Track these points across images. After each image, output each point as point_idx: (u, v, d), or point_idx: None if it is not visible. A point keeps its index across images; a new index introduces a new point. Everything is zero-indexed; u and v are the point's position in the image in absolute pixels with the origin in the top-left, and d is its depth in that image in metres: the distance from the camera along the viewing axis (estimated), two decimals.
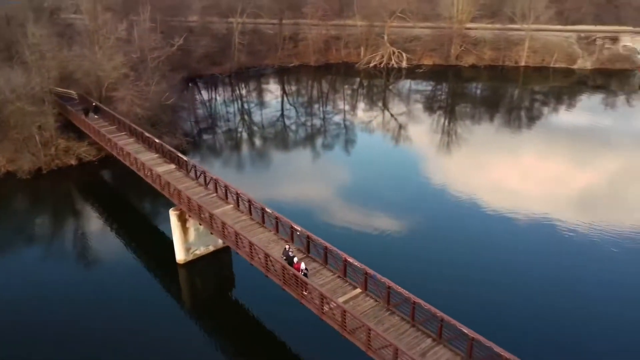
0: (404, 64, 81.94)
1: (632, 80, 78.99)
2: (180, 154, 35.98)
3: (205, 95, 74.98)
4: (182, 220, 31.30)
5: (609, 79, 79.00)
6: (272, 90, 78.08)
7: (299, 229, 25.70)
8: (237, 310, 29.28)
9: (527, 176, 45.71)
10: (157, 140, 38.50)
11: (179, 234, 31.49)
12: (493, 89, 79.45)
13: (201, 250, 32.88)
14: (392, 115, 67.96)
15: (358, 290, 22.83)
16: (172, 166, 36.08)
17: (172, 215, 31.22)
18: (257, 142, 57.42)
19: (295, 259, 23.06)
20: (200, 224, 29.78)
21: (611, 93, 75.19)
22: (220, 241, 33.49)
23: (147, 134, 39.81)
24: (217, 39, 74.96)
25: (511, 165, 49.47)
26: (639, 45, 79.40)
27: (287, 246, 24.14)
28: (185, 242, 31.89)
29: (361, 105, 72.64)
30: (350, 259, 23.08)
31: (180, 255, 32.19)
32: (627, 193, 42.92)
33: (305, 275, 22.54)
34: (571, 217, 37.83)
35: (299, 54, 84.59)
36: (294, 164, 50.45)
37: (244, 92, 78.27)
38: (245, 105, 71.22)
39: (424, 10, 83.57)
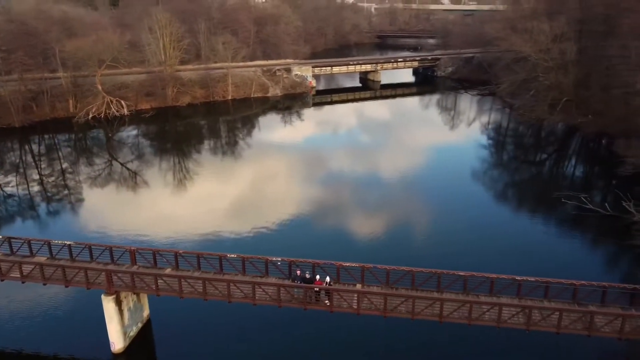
0: (125, 111, 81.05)
1: (307, 100, 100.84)
2: (57, 240, 30.91)
3: None
4: (119, 303, 28.26)
5: (293, 101, 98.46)
6: None
7: (280, 259, 28.57)
8: None
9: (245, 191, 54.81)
10: None
11: (117, 319, 28.21)
12: (210, 123, 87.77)
13: (134, 331, 30.06)
14: (121, 164, 67.58)
15: (359, 285, 28.11)
16: (42, 258, 30.68)
17: (108, 301, 27.81)
18: None
19: (318, 277, 26.51)
20: (157, 295, 27.94)
21: (294, 111, 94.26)
22: (145, 314, 31.47)
23: None
24: None
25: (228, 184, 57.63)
26: (305, 73, 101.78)
27: (298, 271, 27.02)
28: (123, 327, 28.75)
29: (84, 160, 67.57)
30: (345, 264, 28.10)
31: (118, 344, 28.72)
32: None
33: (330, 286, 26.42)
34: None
35: None
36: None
37: None
38: None
39: (135, 57, 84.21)
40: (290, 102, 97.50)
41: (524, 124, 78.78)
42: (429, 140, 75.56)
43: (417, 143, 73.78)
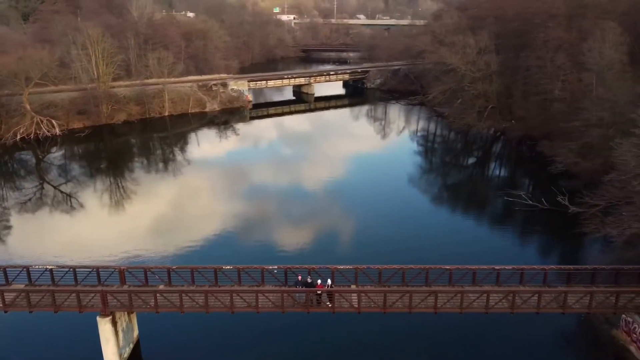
0: (57, 131, 77.03)
1: (244, 114, 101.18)
2: (38, 265, 29.55)
3: None
4: (114, 325, 27.62)
5: (231, 115, 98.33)
6: None
7: (276, 267, 29.41)
8: None
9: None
10: None
11: (113, 341, 27.57)
12: (147, 140, 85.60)
13: (127, 352, 29.42)
14: (53, 187, 64.75)
15: (354, 286, 29.58)
16: (21, 285, 29.24)
17: (105, 323, 27.14)
18: None
19: (319, 281, 27.63)
20: (156, 312, 27.60)
21: (232, 126, 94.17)
22: (135, 334, 30.85)
23: None
24: None
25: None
26: (241, 87, 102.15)
27: (299, 277, 27.95)
28: (118, 349, 28.09)
29: (13, 185, 63.40)
30: (340, 267, 29.48)
31: None
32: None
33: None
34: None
35: None
36: None
37: None
38: None
39: (65, 74, 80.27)
40: (228, 117, 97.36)
41: (455, 130, 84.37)
42: (368, 150, 79.03)
43: (356, 152, 76.73)
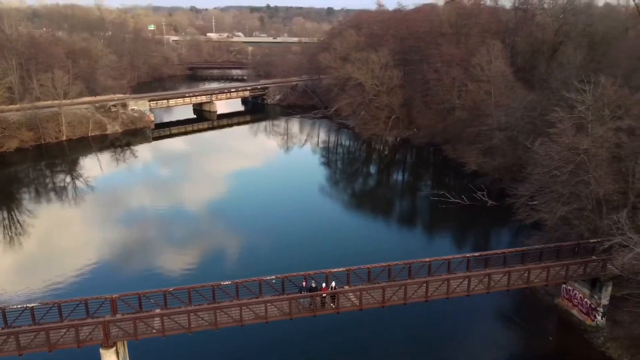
0: None
1: (147, 135, 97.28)
2: (16, 305, 26.90)
3: None
4: (117, 355, 26.29)
5: (133, 137, 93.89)
6: None
7: (274, 277, 30.12)
8: None
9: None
10: None
11: None
12: (42, 168, 78.72)
13: None
14: None
15: (347, 286, 31.35)
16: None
17: (110, 354, 25.79)
18: None
19: (324, 284, 28.92)
20: (163, 336, 26.76)
21: (134, 148, 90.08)
22: None
23: None
24: None
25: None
26: (142, 107, 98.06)
27: (303, 283, 28.97)
28: None
29: None
30: (333, 270, 31.08)
31: None
32: None
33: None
34: None
35: None
36: None
37: None
38: None
39: None
40: (130, 138, 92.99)
41: (362, 140, 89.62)
42: (281, 163, 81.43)
43: (268, 167, 78.48)
